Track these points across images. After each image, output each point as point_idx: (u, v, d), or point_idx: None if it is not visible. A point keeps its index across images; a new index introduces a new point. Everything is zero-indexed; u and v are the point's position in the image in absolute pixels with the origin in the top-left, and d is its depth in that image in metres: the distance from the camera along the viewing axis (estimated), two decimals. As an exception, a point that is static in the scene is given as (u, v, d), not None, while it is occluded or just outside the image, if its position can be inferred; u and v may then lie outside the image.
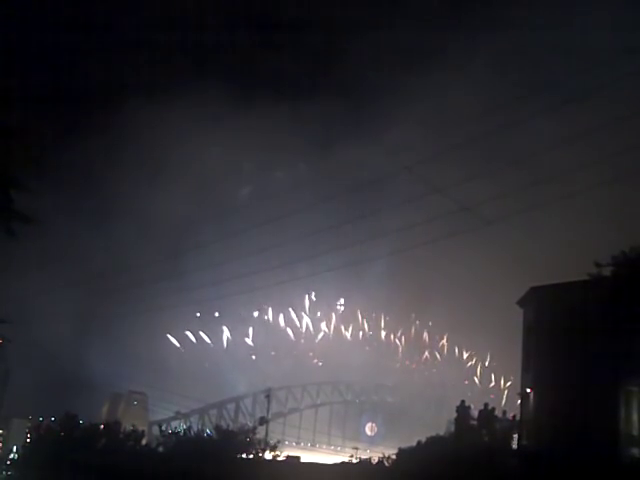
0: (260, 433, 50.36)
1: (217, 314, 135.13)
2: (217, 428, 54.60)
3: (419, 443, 41.66)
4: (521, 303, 44.92)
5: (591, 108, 71.91)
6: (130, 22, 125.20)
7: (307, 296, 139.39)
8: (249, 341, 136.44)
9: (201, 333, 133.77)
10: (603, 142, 65.22)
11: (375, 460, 42.84)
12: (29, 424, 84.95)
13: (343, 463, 46.27)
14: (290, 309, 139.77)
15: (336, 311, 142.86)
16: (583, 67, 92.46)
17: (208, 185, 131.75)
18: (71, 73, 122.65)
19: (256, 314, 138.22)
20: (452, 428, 41.81)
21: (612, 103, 72.92)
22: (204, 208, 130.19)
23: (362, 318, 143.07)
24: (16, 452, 59.70)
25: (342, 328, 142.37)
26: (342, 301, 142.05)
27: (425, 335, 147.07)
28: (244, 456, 45.95)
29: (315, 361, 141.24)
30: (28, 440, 62.95)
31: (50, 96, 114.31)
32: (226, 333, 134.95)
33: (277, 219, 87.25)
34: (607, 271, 33.68)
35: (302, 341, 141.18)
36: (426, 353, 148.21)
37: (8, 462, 53.92)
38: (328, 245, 79.86)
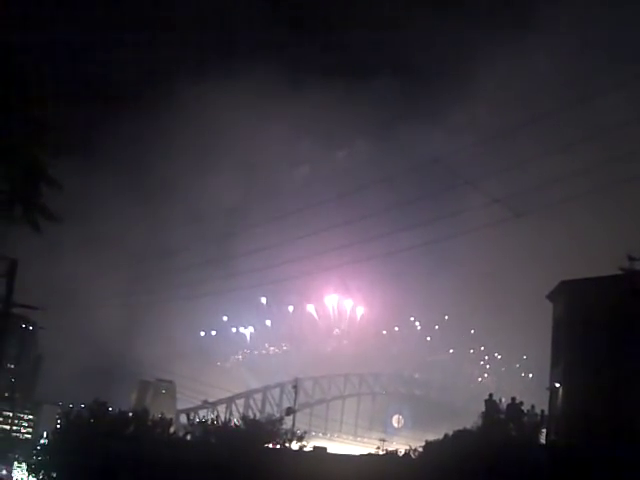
0: (287, 423, 50.43)
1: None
2: (244, 418, 54.71)
3: (446, 436, 41.30)
4: (551, 297, 44.47)
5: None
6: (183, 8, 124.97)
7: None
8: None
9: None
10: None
11: (402, 452, 42.57)
12: (59, 410, 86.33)
13: (369, 454, 46.01)
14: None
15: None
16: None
17: (263, 167, 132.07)
18: (119, 59, 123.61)
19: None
20: (480, 422, 41.31)
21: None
22: (258, 191, 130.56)
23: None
24: (46, 437, 60.41)
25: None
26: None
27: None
28: (271, 446, 46.02)
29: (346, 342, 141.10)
30: (58, 426, 63.84)
31: (97, 84, 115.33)
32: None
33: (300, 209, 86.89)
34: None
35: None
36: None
37: (38, 447, 54.57)
38: (357, 235, 79.16)
